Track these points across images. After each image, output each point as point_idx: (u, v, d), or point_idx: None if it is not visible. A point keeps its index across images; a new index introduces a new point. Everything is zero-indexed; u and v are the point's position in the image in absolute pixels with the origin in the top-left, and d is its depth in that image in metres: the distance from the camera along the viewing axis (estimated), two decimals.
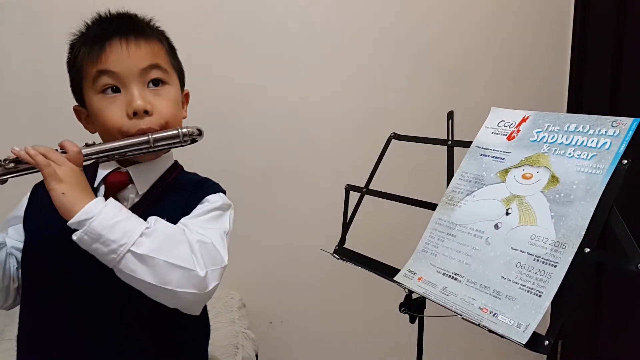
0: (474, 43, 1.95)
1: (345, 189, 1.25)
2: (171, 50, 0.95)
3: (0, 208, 0.98)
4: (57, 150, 0.80)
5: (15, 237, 0.94)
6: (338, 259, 1.18)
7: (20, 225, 0.93)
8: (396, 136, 1.22)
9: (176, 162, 0.98)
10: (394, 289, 1.09)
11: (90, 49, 0.86)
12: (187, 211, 0.89)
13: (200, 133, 0.86)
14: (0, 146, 0.84)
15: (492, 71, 1.97)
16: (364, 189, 1.22)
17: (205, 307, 0.97)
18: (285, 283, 1.92)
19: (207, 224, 0.87)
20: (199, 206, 0.89)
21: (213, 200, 0.90)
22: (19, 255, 0.93)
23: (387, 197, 1.18)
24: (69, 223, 0.75)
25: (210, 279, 0.80)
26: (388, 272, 1.06)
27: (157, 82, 0.89)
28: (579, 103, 1.99)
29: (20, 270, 0.92)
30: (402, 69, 1.91)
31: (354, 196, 1.24)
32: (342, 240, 1.21)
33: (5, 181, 0.80)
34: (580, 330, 1.97)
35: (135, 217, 0.79)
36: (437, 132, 1.20)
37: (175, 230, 0.82)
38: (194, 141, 0.86)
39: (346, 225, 1.22)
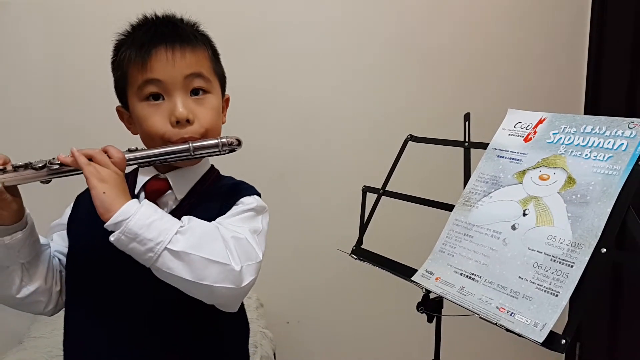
0: (489, 43, 1.95)
1: (363, 190, 1.27)
2: (215, 57, 0.96)
3: (45, 215, 1.00)
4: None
5: (59, 242, 0.97)
6: (356, 259, 1.19)
7: (64, 232, 0.96)
8: (413, 138, 1.23)
9: (212, 166, 1.00)
10: (411, 289, 1.10)
11: (137, 55, 0.87)
12: (222, 213, 0.90)
13: (239, 143, 0.87)
14: (23, 149, 0.87)
15: (508, 72, 1.98)
16: (381, 190, 1.24)
17: (243, 307, 0.99)
18: (302, 283, 1.95)
19: (239, 222, 0.88)
20: (233, 207, 0.90)
21: (247, 202, 0.91)
22: (62, 258, 0.96)
23: (404, 198, 1.19)
24: (106, 225, 0.76)
25: (245, 274, 0.80)
26: (405, 272, 1.08)
27: (198, 91, 0.90)
28: (596, 104, 1.99)
29: (62, 274, 0.95)
30: (417, 70, 1.93)
31: (370, 197, 1.26)
32: (360, 241, 1.23)
33: (49, 181, 0.82)
34: (598, 332, 1.96)
35: (169, 217, 0.80)
36: (451, 133, 1.21)
37: (210, 227, 0.82)
38: (232, 150, 0.87)
39: (363, 226, 1.24)
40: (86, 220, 0.87)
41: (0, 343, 1.61)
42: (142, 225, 0.76)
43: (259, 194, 0.95)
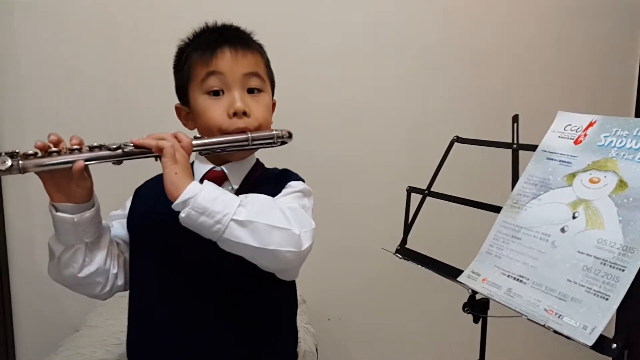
0: (538, 45, 1.93)
1: (407, 190, 1.28)
2: (267, 63, 1.06)
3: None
4: None
5: (119, 228, 1.05)
6: (401, 258, 1.21)
7: (124, 221, 1.05)
8: (459, 139, 1.23)
9: (258, 160, 1.08)
10: (452, 290, 1.11)
11: (202, 53, 0.98)
12: (274, 196, 0.97)
13: (290, 135, 0.97)
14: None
15: (556, 74, 1.95)
16: (426, 191, 1.25)
17: (295, 285, 1.07)
18: (343, 281, 1.97)
19: (290, 199, 0.96)
20: (283, 190, 0.99)
21: (295, 185, 1.00)
22: (121, 243, 1.04)
23: (449, 199, 1.20)
24: (174, 205, 0.83)
25: (304, 239, 0.87)
26: (451, 272, 1.09)
27: (254, 89, 1.00)
28: None
29: (120, 259, 1.03)
30: (463, 71, 1.92)
31: (414, 197, 1.27)
32: (404, 241, 1.24)
33: (120, 162, 0.90)
34: None
35: (229, 193, 0.87)
36: (494, 135, 1.20)
37: (266, 198, 0.90)
38: (284, 142, 0.97)
39: (408, 226, 1.25)
40: (147, 210, 0.94)
41: (58, 330, 1.71)
42: (209, 199, 0.83)
43: (303, 181, 1.04)
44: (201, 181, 0.99)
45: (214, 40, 0.98)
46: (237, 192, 0.99)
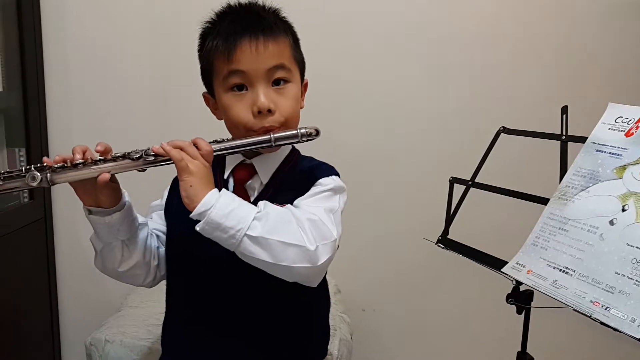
0: (589, 34, 1.89)
1: (450, 181, 1.27)
2: (295, 43, 1.01)
3: (144, 196, 1.11)
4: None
5: (158, 221, 1.07)
6: (443, 248, 1.21)
7: (163, 212, 1.07)
8: (505, 130, 1.22)
9: (293, 147, 1.06)
10: (492, 281, 1.11)
11: (222, 46, 0.93)
12: (302, 194, 0.96)
13: (317, 133, 0.93)
14: (124, 139, 0.96)
15: (606, 65, 1.90)
16: (470, 182, 1.24)
17: (326, 283, 1.05)
18: (379, 272, 1.98)
19: (316, 202, 0.93)
20: (312, 189, 0.96)
21: (325, 183, 0.97)
22: (161, 235, 1.06)
23: (495, 191, 1.18)
24: (191, 216, 0.84)
25: (321, 253, 0.85)
26: (494, 263, 1.08)
27: (279, 81, 0.96)
28: None
29: (160, 250, 1.05)
30: (511, 59, 1.89)
31: (456, 188, 1.26)
32: (446, 231, 1.24)
33: (144, 170, 0.91)
34: None
35: (246, 204, 0.87)
36: (537, 126, 1.19)
37: (284, 211, 0.88)
38: (310, 140, 0.93)
39: (450, 217, 1.25)
40: (177, 203, 0.95)
41: (102, 310, 1.77)
42: (222, 215, 0.82)
43: (337, 174, 1.00)
44: (228, 178, 1.00)
45: (233, 30, 0.93)
46: (266, 187, 0.99)
